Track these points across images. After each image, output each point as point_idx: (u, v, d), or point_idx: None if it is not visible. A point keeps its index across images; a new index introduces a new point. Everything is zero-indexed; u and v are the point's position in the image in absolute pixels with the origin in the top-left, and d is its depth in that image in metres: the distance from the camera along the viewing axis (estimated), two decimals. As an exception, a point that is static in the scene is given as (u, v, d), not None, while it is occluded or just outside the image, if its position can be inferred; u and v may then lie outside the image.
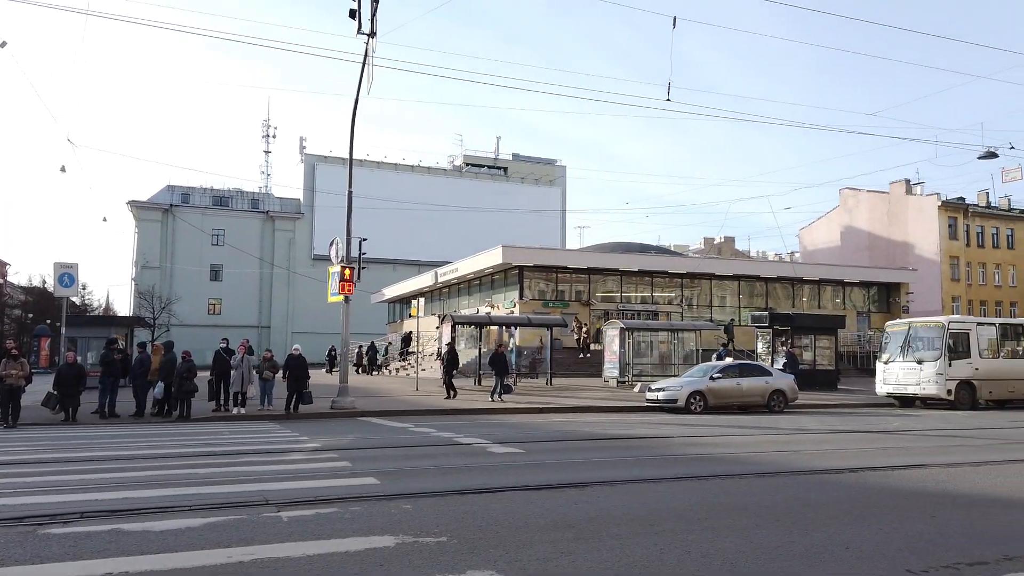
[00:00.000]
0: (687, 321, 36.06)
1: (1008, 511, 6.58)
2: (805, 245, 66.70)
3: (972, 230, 57.14)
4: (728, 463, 9.55)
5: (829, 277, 44.90)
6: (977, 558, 4.96)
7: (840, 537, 5.54)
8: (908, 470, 8.92)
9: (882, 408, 21.20)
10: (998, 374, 21.29)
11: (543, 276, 38.18)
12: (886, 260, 54.50)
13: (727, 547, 5.25)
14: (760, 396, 19.14)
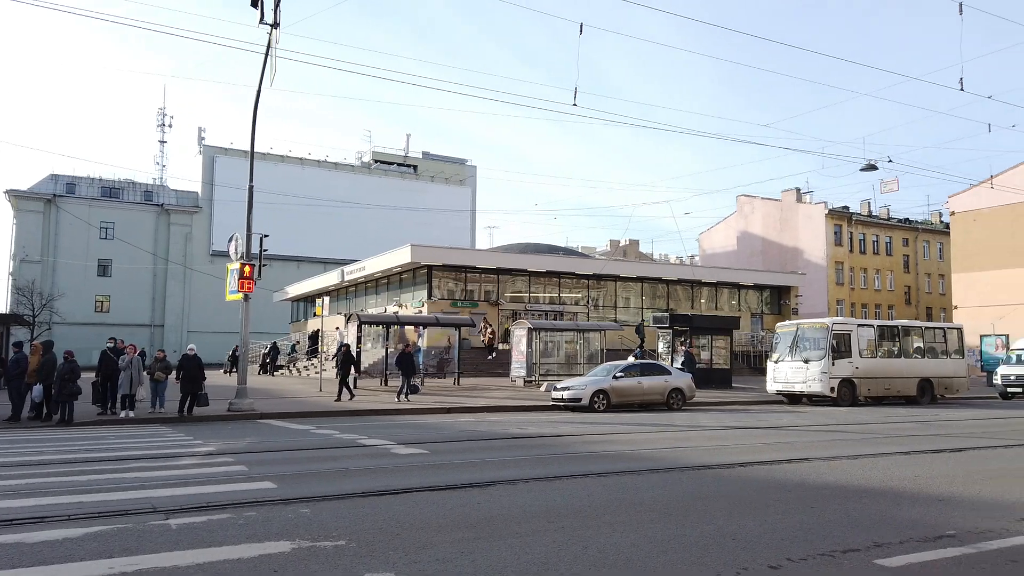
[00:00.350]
0: (593, 322, 36.87)
1: (879, 500, 7.06)
2: (704, 249, 69.46)
3: (855, 237, 61.04)
4: (627, 460, 9.82)
5: (726, 280, 46.89)
6: (850, 545, 5.31)
7: (728, 528, 5.81)
8: (792, 464, 9.44)
9: (772, 405, 22.32)
10: (876, 372, 22.83)
11: (452, 276, 38.11)
12: (778, 264, 57.44)
13: (623, 541, 5.40)
14: (660, 394, 19.78)
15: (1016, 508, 6.68)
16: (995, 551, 5.18)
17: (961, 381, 25.08)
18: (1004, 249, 50.20)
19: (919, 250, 64.87)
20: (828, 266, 58.50)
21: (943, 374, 24.37)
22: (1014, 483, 8.10)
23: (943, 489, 7.66)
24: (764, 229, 63.09)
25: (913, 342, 24.76)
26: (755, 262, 58.71)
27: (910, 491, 7.55)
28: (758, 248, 62.49)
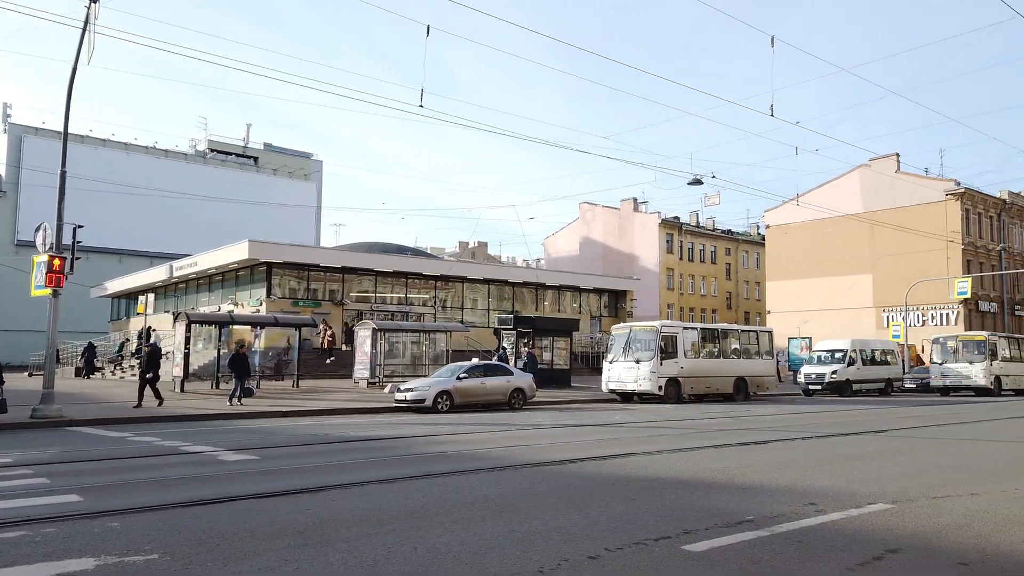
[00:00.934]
0: (440, 322, 36.95)
1: (692, 491, 7.65)
2: (550, 253, 71.73)
3: (685, 246, 65.53)
4: (465, 459, 9.95)
5: (568, 284, 48.67)
6: (663, 533, 5.71)
7: (555, 523, 6.05)
8: (618, 459, 9.99)
9: (607, 403, 23.46)
10: (699, 372, 24.64)
11: (294, 274, 36.74)
12: (616, 269, 60.45)
13: (454, 540, 5.48)
14: (502, 394, 20.20)
15: (807, 494, 7.46)
16: (785, 533, 5.77)
17: (771, 380, 27.66)
18: (809, 260, 55.91)
19: (740, 259, 70.73)
20: (661, 272, 62.37)
21: (756, 373, 26.74)
22: (807, 471, 9.05)
23: (747, 478, 8.41)
24: (605, 235, 66.19)
25: (731, 344, 26.97)
26: (596, 267, 61.42)
27: (719, 481, 8.23)
28: (599, 253, 65.44)
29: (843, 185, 54.19)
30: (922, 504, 6.97)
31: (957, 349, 32.05)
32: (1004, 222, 54.46)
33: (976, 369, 30.77)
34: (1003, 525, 6.13)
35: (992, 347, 31.42)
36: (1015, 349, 33.68)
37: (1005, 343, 33.22)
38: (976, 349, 31.36)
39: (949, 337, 33.28)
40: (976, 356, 31.09)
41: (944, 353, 32.16)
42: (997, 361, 31.42)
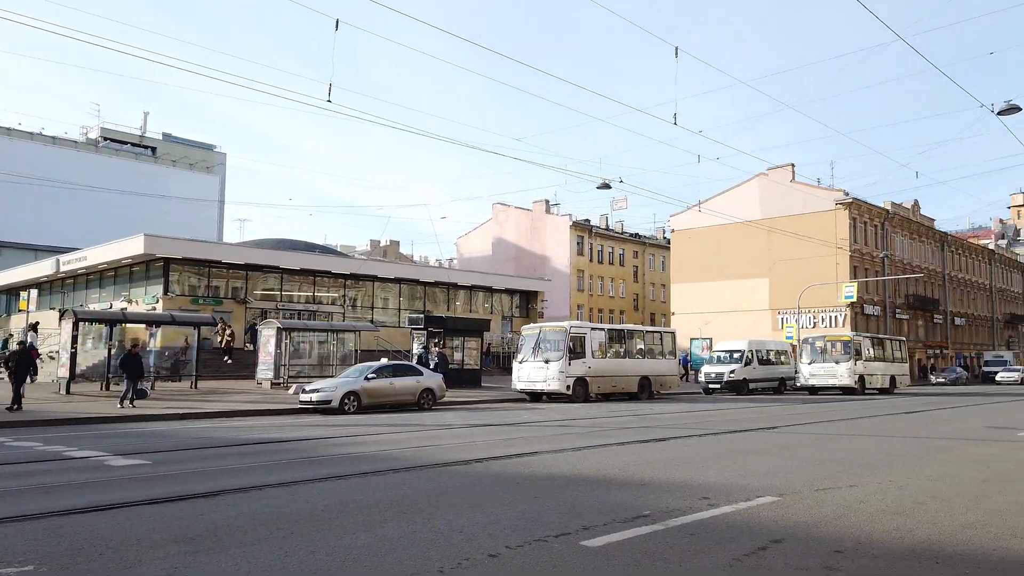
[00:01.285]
0: (349, 322, 36.29)
1: (593, 487, 7.83)
2: (462, 253, 71.68)
3: (595, 248, 66.87)
4: (371, 460, 9.83)
5: (481, 284, 48.82)
6: (563, 530, 5.83)
7: (458, 522, 6.07)
8: (524, 457, 10.11)
9: (516, 403, 23.67)
10: (606, 371, 25.22)
11: (194, 270, 35.28)
12: (528, 270, 61.06)
13: (354, 543, 5.41)
14: (411, 395, 20.04)
15: (701, 488, 7.78)
16: (678, 526, 6.00)
17: (673, 378, 28.66)
18: (711, 264, 58.16)
19: (647, 262, 72.78)
20: (572, 273, 63.40)
21: (660, 372, 27.63)
22: (702, 467, 9.43)
23: (646, 475, 8.69)
24: (517, 236, 66.72)
25: (636, 344, 27.75)
26: (508, 267, 61.83)
27: (619, 478, 8.46)
28: (511, 254, 65.90)
29: (743, 193, 56.67)
30: (806, 496, 7.39)
31: (825, 349, 32.93)
32: (887, 231, 58.33)
33: (842, 369, 31.62)
34: (876, 514, 6.58)
35: (857, 347, 32.38)
36: (878, 349, 35.10)
37: (869, 343, 34.43)
38: (842, 349, 32.29)
39: (817, 337, 34.12)
40: (842, 356, 32.02)
41: (813, 353, 32.93)
42: (861, 361, 32.45)
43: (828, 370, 32.00)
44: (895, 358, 36.31)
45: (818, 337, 34.28)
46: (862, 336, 34.98)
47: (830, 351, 32.68)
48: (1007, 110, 21.46)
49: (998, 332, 76.85)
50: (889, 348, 36.30)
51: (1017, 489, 8.03)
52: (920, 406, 23.75)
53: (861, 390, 31.93)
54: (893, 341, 37.45)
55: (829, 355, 32.52)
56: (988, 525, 6.20)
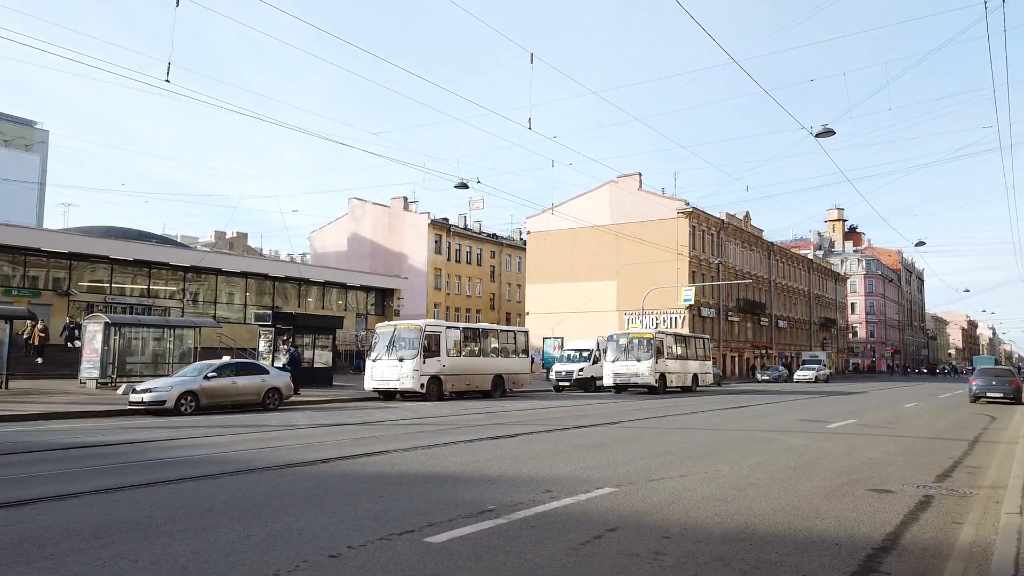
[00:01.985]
0: (189, 317, 34.13)
1: (441, 484, 7.86)
2: (316, 248, 69.47)
3: (452, 247, 67.08)
4: (206, 464, 9.30)
5: (335, 280, 47.53)
6: (407, 527, 5.81)
7: (297, 524, 5.88)
8: (373, 456, 9.97)
9: (369, 402, 23.27)
10: (460, 370, 25.37)
11: (8, 258, 31.81)
12: (385, 267, 60.21)
13: (182, 550, 5.11)
14: (256, 394, 19.16)
15: (545, 482, 8.02)
16: (521, 519, 6.15)
17: (526, 376, 29.28)
18: (564, 266, 60.07)
19: (503, 262, 73.97)
20: (429, 272, 63.22)
21: (513, 371, 28.16)
22: (548, 461, 9.72)
23: (494, 470, 8.84)
24: (374, 233, 65.60)
25: (491, 343, 28.11)
26: (364, 264, 60.65)
27: (468, 474, 8.55)
28: (367, 251, 64.70)
29: (594, 198, 59.02)
30: (641, 487, 7.82)
31: (628, 347, 31.66)
32: (722, 239, 62.87)
33: (643, 367, 30.57)
34: (701, 501, 7.08)
35: (659, 345, 31.42)
36: (681, 347, 34.41)
37: (672, 341, 33.69)
38: (645, 347, 31.16)
39: (621, 334, 33.07)
40: (644, 354, 30.89)
41: (617, 350, 31.73)
42: (663, 359, 31.60)
43: (631, 368, 30.88)
44: (698, 356, 35.86)
45: (622, 334, 33.15)
46: (664, 334, 33.94)
47: (633, 349, 31.41)
48: (824, 133, 23.78)
49: (814, 334, 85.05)
50: (693, 346, 35.78)
51: (822, 475, 8.92)
52: (718, 404, 25.75)
53: (662, 388, 31.15)
54: (697, 339, 37.09)
55: (632, 353, 31.25)
56: (796, 509, 6.85)
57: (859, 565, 5.00)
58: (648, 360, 30.64)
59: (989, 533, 5.88)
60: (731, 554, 5.20)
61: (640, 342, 31.47)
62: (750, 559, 5.07)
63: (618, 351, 31.59)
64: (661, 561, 4.97)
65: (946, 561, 5.15)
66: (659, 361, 31.04)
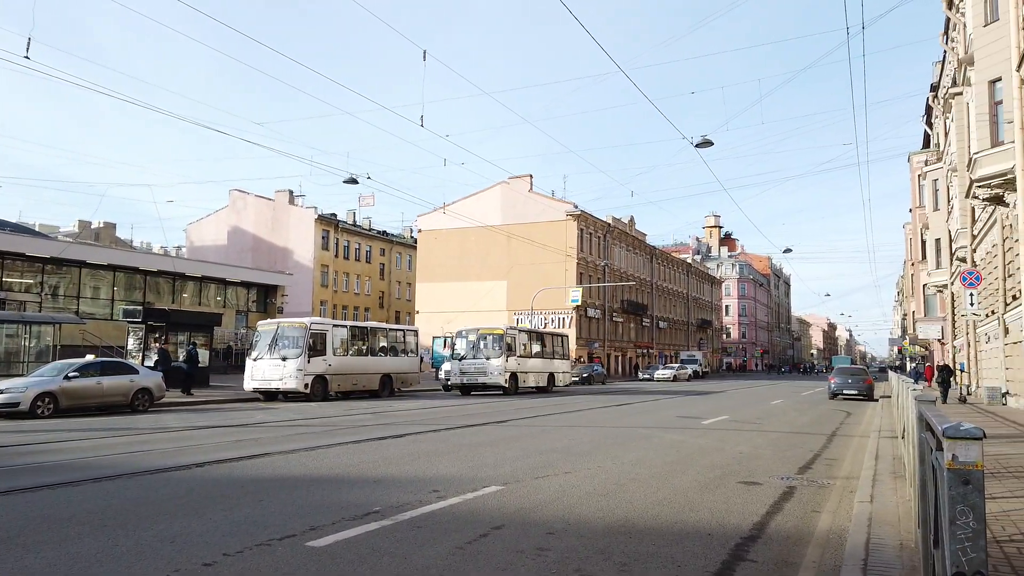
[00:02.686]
0: (48, 313, 31.60)
1: (325, 487, 7.67)
2: (192, 241, 66.06)
3: (341, 243, 65.57)
4: (67, 470, 8.65)
5: (213, 275, 45.36)
6: (288, 532, 5.63)
7: (170, 532, 5.58)
8: (253, 460, 9.60)
9: (249, 403, 22.36)
10: (346, 369, 24.82)
11: None
12: (268, 263, 58.04)
13: (38, 563, 4.73)
14: (124, 395, 18.00)
15: (432, 482, 7.99)
16: (407, 520, 6.10)
17: (415, 376, 29.00)
18: (455, 265, 60.07)
19: (393, 260, 73.07)
20: (315, 268, 61.51)
21: (401, 370, 27.83)
22: (435, 461, 9.69)
23: (380, 471, 8.72)
24: (257, 227, 63.11)
25: (379, 342, 27.65)
26: (245, 259, 58.26)
27: (353, 476, 8.39)
28: (249, 245, 62.18)
29: (486, 198, 59.38)
30: (527, 484, 7.94)
31: (477, 344, 29.08)
32: (608, 242, 64.82)
33: (493, 365, 28.18)
34: (584, 497, 7.28)
35: (510, 342, 29.10)
36: (537, 345, 32.21)
37: (526, 338, 31.40)
38: (494, 344, 28.74)
39: (470, 330, 30.19)
40: (494, 351, 28.52)
41: (465, 348, 29.28)
42: (515, 357, 29.20)
43: (479, 366, 28.36)
44: (556, 355, 33.71)
45: (471, 330, 30.25)
46: (518, 330, 31.41)
47: (482, 346, 28.84)
48: (703, 143, 25.00)
49: (692, 334, 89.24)
50: (550, 344, 33.64)
51: (697, 469, 9.38)
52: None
53: (513, 389, 28.63)
54: (555, 337, 34.90)
55: (481, 350, 28.68)
56: (673, 502, 7.17)
57: (728, 554, 5.29)
58: (498, 359, 28.22)
59: (844, 520, 6.37)
60: (612, 547, 5.37)
61: (490, 339, 28.93)
62: (629, 551, 5.26)
63: (467, 348, 29.11)
64: (545, 557, 5.07)
65: (806, 547, 5.54)
66: (510, 359, 28.70)
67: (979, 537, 2.14)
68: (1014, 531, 5.23)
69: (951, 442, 2.19)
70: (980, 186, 20.30)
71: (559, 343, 34.64)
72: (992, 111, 19.72)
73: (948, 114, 30.54)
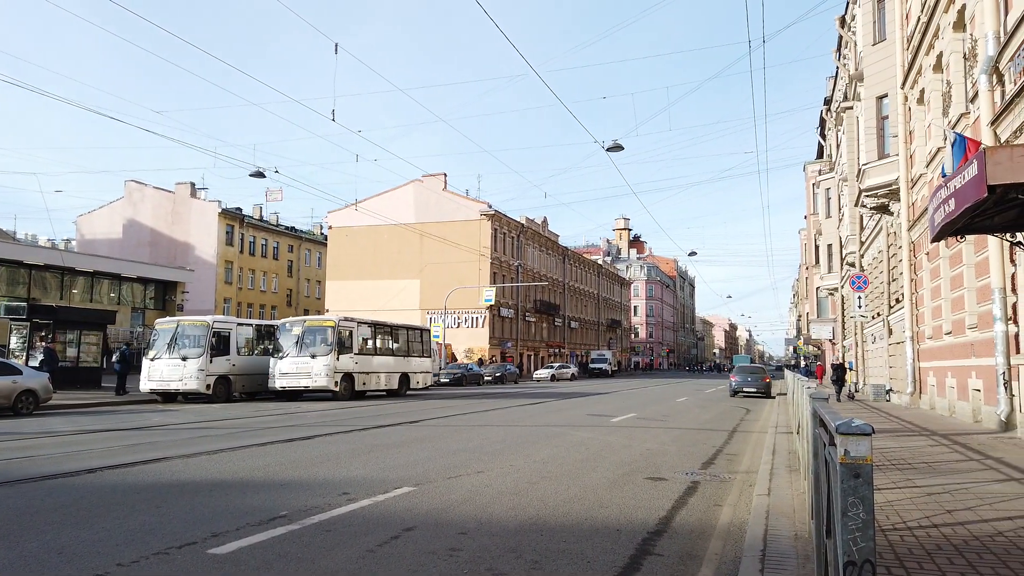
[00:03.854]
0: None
1: (228, 492, 7.39)
2: (83, 234, 62.37)
3: (246, 239, 63.36)
4: (-62, 480, 7.97)
5: (107, 270, 42.96)
6: (189, 539, 5.38)
7: (56, 543, 5.24)
8: (150, 464, 9.13)
9: (146, 405, 21.31)
10: (251, 369, 23.96)
11: None
12: (167, 258, 55.46)
13: (-97, 584, 4.33)
14: (5, 397, 16.79)
15: (342, 484, 7.82)
16: (316, 524, 5.95)
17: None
18: (367, 263, 59.13)
19: (302, 257, 71.22)
20: (219, 265, 59.21)
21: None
22: (345, 463, 9.50)
23: (288, 474, 8.47)
24: (155, 220, 60.19)
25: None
26: (142, 253, 55.48)
27: (258, 479, 8.11)
28: (147, 239, 59.26)
29: (399, 196, 58.74)
30: (438, 484, 7.90)
31: (302, 339, 23.90)
32: (521, 242, 65.36)
33: (318, 365, 23.14)
34: (497, 496, 7.30)
35: (344, 337, 24.10)
36: (383, 340, 27.18)
37: (369, 331, 26.08)
38: (322, 339, 23.70)
39: (295, 322, 25.17)
40: (320, 348, 23.50)
41: (287, 344, 24.01)
42: (350, 355, 24.19)
43: (302, 366, 23.32)
44: (413, 352, 28.97)
45: (295, 322, 25.27)
46: (356, 322, 25.67)
47: (308, 342, 23.84)
48: (614, 148, 25.59)
49: (602, 334, 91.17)
50: (405, 340, 28.73)
51: (606, 466, 9.58)
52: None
53: (347, 393, 23.85)
54: (412, 332, 29.55)
55: (307, 347, 23.71)
56: (583, 499, 7.29)
57: (636, 548, 5.42)
58: (325, 357, 23.28)
59: (744, 513, 6.65)
60: (523, 545, 5.41)
61: (317, 333, 23.96)
62: (541, 549, 5.31)
63: (288, 344, 23.96)
64: (457, 557, 5.05)
65: (709, 540, 5.75)
66: (343, 358, 23.83)
67: (868, 527, 2.28)
68: (897, 520, 5.60)
69: (843, 438, 2.33)
70: (868, 195, 21.67)
71: (417, 338, 29.76)
72: (879, 125, 21.08)
73: (840, 127, 32.42)
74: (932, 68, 16.29)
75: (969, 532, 5.19)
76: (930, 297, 17.62)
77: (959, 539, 4.98)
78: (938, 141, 15.60)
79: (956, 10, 14.17)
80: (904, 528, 5.33)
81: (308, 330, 24.24)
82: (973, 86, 13.11)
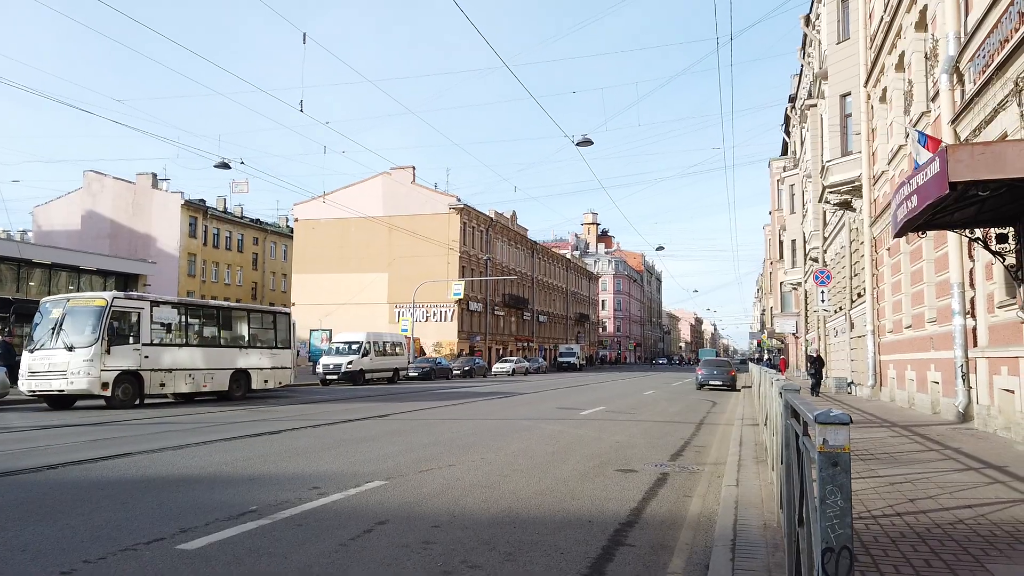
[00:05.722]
0: None
1: (196, 487, 7.27)
2: (40, 225, 60.78)
3: (210, 231, 62.30)
4: None
5: (65, 262, 41.81)
6: (157, 535, 5.29)
7: (19, 540, 5.11)
8: (113, 460, 8.95)
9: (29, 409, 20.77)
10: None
11: None
12: (128, 250, 54.31)
13: None
14: (-43, 393, 16.03)
15: (313, 478, 7.75)
16: (287, 518, 5.89)
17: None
18: (334, 256, 58.54)
19: (268, 250, 70.27)
20: (181, 257, 58.19)
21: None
22: (315, 457, 9.41)
23: (256, 469, 8.37)
24: (115, 211, 58.89)
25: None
26: (102, 245, 54.26)
27: (226, 474, 8.00)
28: (107, 231, 57.98)
29: (367, 189, 58.24)
30: (411, 478, 7.87)
31: (60, 325, 17.49)
32: (490, 236, 65.29)
33: (77, 360, 16.92)
34: (469, 489, 7.30)
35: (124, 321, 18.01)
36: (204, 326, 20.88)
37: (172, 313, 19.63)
38: (85, 325, 17.41)
39: (54, 303, 18.26)
40: (81, 337, 17.23)
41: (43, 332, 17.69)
42: (134, 346, 18.02)
43: (54, 361, 17.09)
44: (256, 342, 22.76)
45: (55, 302, 18.37)
46: (151, 301, 19.07)
47: (68, 329, 17.46)
48: (583, 142, 25.68)
49: (571, 328, 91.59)
50: (241, 326, 22.63)
51: (577, 458, 9.63)
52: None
53: (130, 399, 17.89)
54: (254, 315, 23.49)
55: (65, 336, 17.33)
56: (555, 491, 7.33)
57: (608, 539, 5.47)
58: (88, 348, 17.10)
59: (713, 504, 6.75)
60: (496, 538, 5.42)
61: (80, 315, 17.62)
62: (513, 541, 5.33)
63: (45, 333, 17.68)
64: (430, 550, 5.05)
65: (680, 530, 5.83)
66: (117, 349, 17.63)
67: (846, 515, 2.33)
68: (862, 509, 5.73)
69: (822, 427, 2.37)
70: (831, 192, 22.08)
71: (266, 324, 23.51)
72: (843, 123, 21.49)
73: (804, 124, 32.97)
74: (895, 67, 16.64)
75: (931, 520, 5.34)
76: (891, 292, 18.04)
77: (922, 527, 5.12)
78: (900, 139, 15.96)
79: (918, 10, 14.48)
80: (869, 517, 5.46)
81: (70, 312, 17.66)
82: (934, 85, 13.43)
